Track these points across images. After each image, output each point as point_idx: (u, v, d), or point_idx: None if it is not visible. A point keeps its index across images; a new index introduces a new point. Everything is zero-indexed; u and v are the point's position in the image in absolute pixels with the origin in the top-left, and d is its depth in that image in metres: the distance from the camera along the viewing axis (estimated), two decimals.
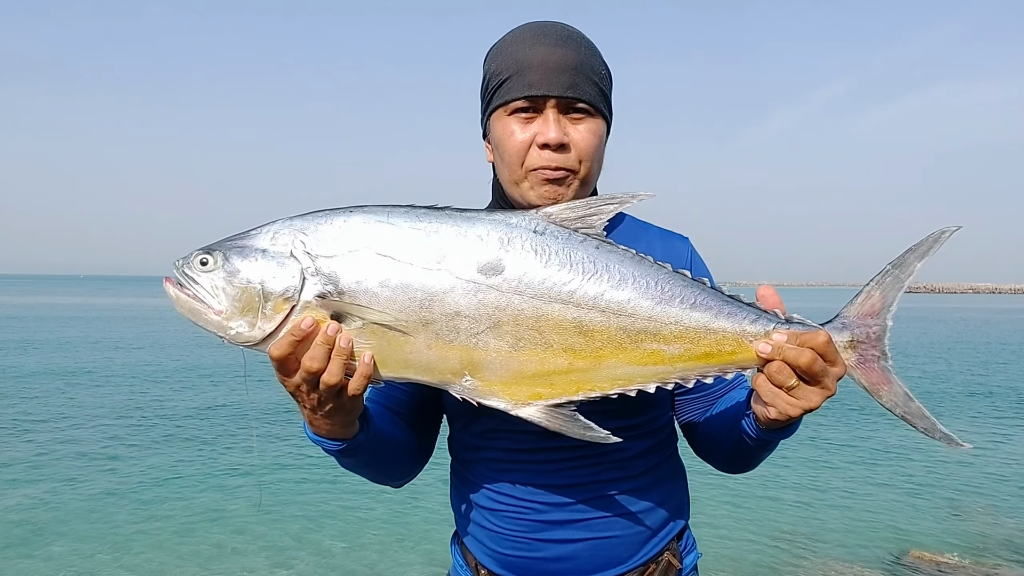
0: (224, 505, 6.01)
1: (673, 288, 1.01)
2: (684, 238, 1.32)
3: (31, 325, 24.55)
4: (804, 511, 6.01)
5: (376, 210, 1.00)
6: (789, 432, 1.06)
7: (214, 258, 0.99)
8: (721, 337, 1.01)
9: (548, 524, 1.18)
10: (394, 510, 5.83)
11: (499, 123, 1.16)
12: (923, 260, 1.01)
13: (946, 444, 1.00)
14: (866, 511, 6.05)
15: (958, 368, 15.43)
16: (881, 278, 1.02)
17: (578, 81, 1.13)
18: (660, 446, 1.26)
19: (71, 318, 28.88)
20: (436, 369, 1.00)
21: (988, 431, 9.20)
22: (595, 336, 0.99)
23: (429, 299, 0.97)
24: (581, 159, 1.15)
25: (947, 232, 1.00)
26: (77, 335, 20.90)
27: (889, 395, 1.01)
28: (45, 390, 11.28)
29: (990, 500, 6.37)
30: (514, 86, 1.13)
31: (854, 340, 1.01)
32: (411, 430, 1.25)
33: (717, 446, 1.23)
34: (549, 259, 0.99)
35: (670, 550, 1.24)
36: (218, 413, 9.77)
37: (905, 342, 21.33)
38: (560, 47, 1.13)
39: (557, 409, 1.01)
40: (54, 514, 5.68)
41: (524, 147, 1.14)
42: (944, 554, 5.08)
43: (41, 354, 15.95)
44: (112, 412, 9.70)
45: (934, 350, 19.35)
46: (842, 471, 7.25)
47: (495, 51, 1.18)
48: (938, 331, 26.79)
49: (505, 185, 1.20)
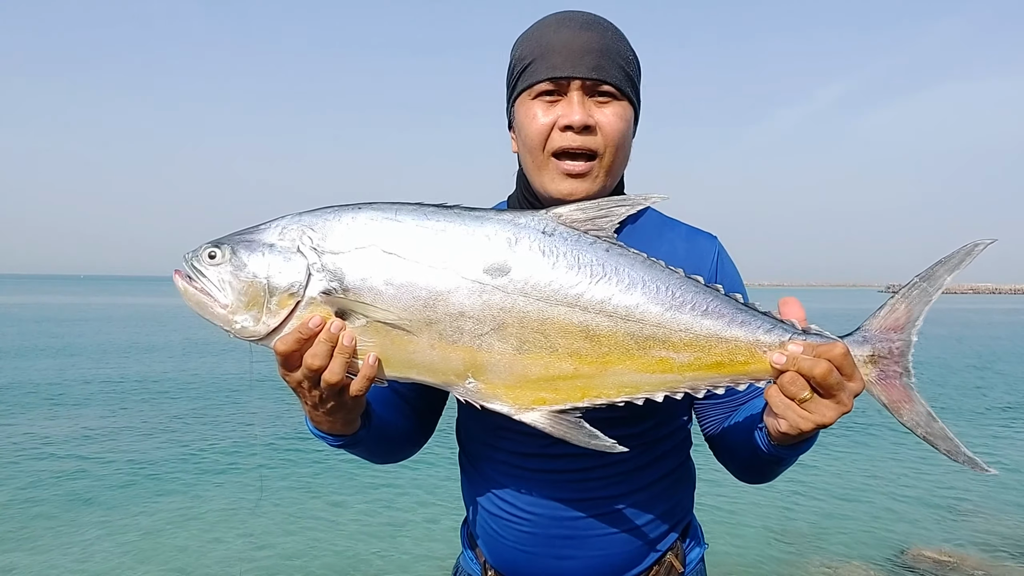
0: (224, 496, 6.01)
1: (684, 294, 0.98)
2: (712, 236, 1.28)
3: (30, 327, 24.51)
4: (803, 510, 6.00)
5: (384, 207, 1.00)
6: (802, 449, 1.03)
7: (222, 252, 0.99)
8: (734, 346, 0.97)
9: (549, 538, 1.17)
10: (399, 499, 5.86)
11: (523, 107, 1.15)
12: (954, 273, 0.97)
13: (970, 468, 0.96)
14: (866, 509, 6.04)
15: (957, 367, 15.41)
16: (908, 291, 0.97)
17: (604, 63, 1.10)
18: (672, 453, 1.23)
19: (70, 319, 28.84)
20: (439, 370, 0.99)
21: (988, 431, 9.20)
22: (602, 341, 0.97)
23: (434, 298, 0.96)
24: (607, 143, 1.12)
25: (980, 245, 0.96)
26: (77, 336, 20.89)
27: (911, 414, 0.97)
28: (46, 390, 11.28)
29: (990, 499, 6.36)
30: (538, 69, 1.12)
31: (875, 355, 0.97)
32: (413, 413, 1.25)
33: (732, 456, 1.21)
34: (557, 261, 0.98)
35: (673, 550, 1.23)
36: (219, 411, 9.77)
37: None
38: (585, 30, 1.12)
39: (562, 415, 0.99)
40: (48, 508, 5.69)
41: (546, 129, 1.11)
42: (944, 553, 5.07)
43: (40, 354, 15.92)
44: (111, 409, 9.70)
45: (934, 350, 19.32)
46: (842, 470, 7.24)
47: (521, 39, 1.18)
48: (938, 331, 26.75)
49: (528, 174, 1.18)
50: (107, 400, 10.48)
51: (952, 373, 14.55)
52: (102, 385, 11.75)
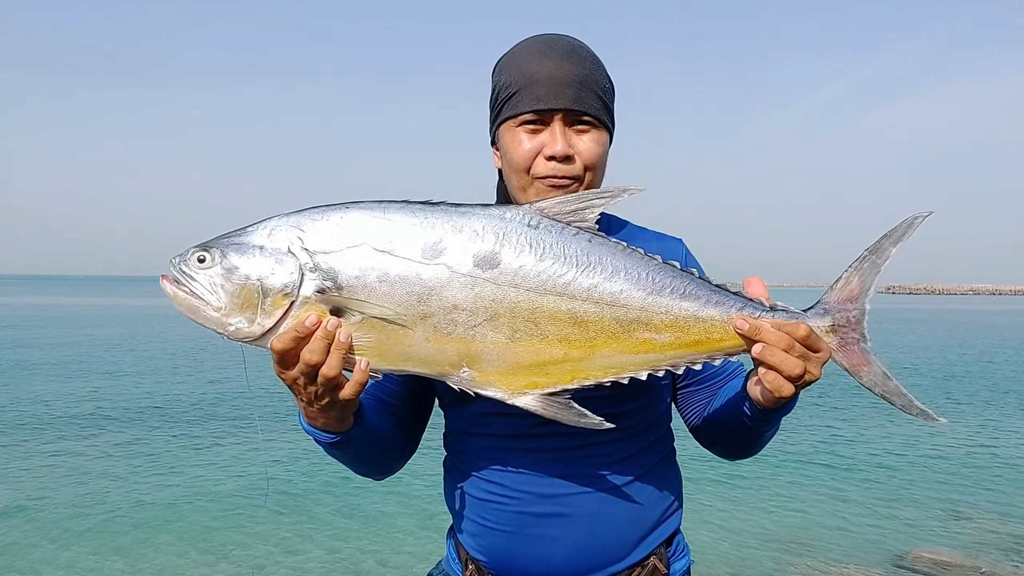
0: (228, 498, 6.02)
1: (663, 279, 1.05)
2: (678, 239, 1.39)
3: (26, 327, 24.54)
4: (803, 511, 6.01)
5: (372, 206, 1.02)
6: (783, 411, 1.11)
7: (211, 255, 1.00)
8: (709, 325, 1.05)
9: (535, 517, 1.19)
10: (397, 501, 5.86)
11: (508, 133, 1.22)
12: (898, 245, 1.05)
13: (923, 419, 1.05)
14: (865, 510, 6.05)
15: (959, 366, 15.44)
16: (859, 264, 1.06)
17: (583, 95, 1.19)
18: (654, 447, 1.28)
19: (68, 319, 28.88)
20: (434, 361, 1.02)
21: (988, 431, 9.21)
22: (589, 327, 1.03)
23: (427, 293, 0.99)
24: (586, 167, 1.21)
25: (919, 218, 1.05)
26: (78, 336, 20.91)
27: (869, 375, 1.05)
28: (46, 390, 11.30)
29: (990, 499, 6.38)
30: (522, 100, 1.19)
31: (835, 324, 1.05)
32: (400, 423, 1.28)
33: (721, 431, 1.27)
34: (544, 252, 1.03)
35: (657, 555, 1.25)
36: (220, 408, 9.79)
37: (905, 343, 21.32)
38: (566, 61, 1.19)
39: (552, 398, 1.05)
40: (53, 515, 5.69)
41: (531, 156, 1.20)
42: (944, 553, 5.08)
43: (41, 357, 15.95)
44: (112, 408, 9.72)
45: (932, 351, 19.35)
46: (840, 470, 7.24)
47: (503, 63, 1.24)
48: (937, 332, 26.77)
49: (512, 191, 1.26)
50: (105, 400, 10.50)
51: (954, 372, 14.57)
52: (101, 386, 11.78)
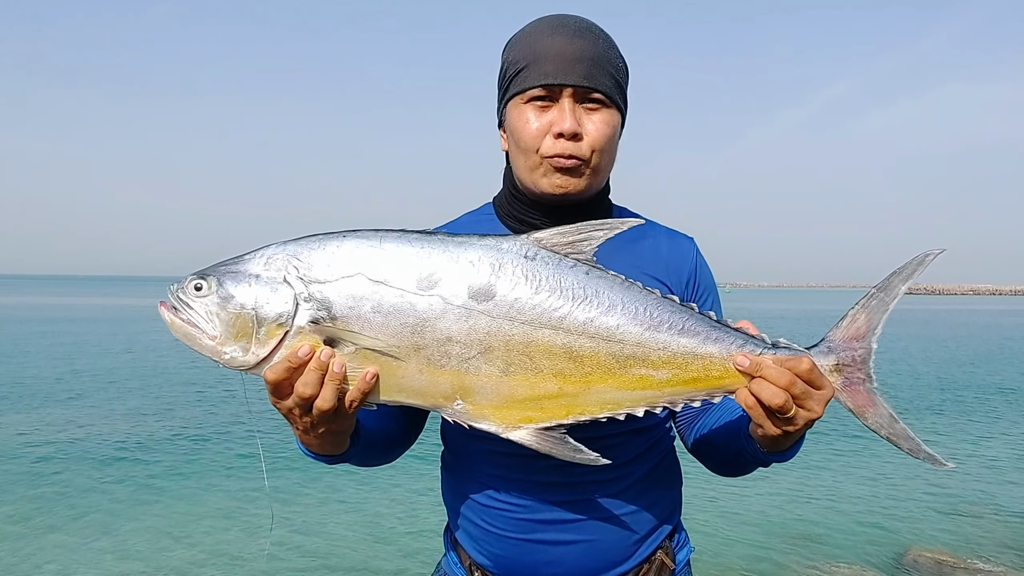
0: (225, 495, 6.03)
1: (662, 314, 1.03)
2: (690, 239, 1.34)
3: (26, 329, 24.53)
4: (803, 510, 6.01)
5: (368, 235, 1.02)
6: (786, 456, 1.09)
7: (208, 283, 1.00)
8: (709, 362, 1.02)
9: (541, 524, 1.19)
10: (396, 501, 5.86)
11: (515, 111, 1.18)
12: (907, 283, 1.03)
13: (930, 464, 1.04)
14: (865, 509, 6.06)
15: (957, 368, 15.43)
16: (867, 301, 1.04)
17: (594, 71, 1.14)
18: (656, 448, 1.27)
19: (69, 319, 28.88)
20: (428, 393, 1.01)
21: (988, 431, 9.21)
22: (585, 361, 1.01)
23: (421, 325, 0.98)
24: (593, 149, 1.16)
25: (931, 255, 1.03)
26: (76, 337, 20.91)
27: (874, 417, 1.03)
28: (45, 390, 11.29)
29: (990, 499, 6.38)
30: (531, 75, 1.15)
31: (840, 363, 1.03)
32: (401, 419, 1.27)
33: (713, 451, 1.25)
34: (540, 285, 1.01)
35: (663, 548, 1.25)
36: (220, 407, 9.79)
37: (904, 345, 21.31)
38: (578, 38, 1.15)
39: (547, 432, 1.03)
40: (52, 513, 5.68)
41: (540, 135, 1.15)
42: (944, 553, 5.08)
43: (39, 356, 15.94)
44: (113, 411, 9.70)
45: (932, 351, 19.33)
46: (840, 469, 7.26)
47: (513, 41, 1.20)
48: (938, 332, 26.76)
49: (519, 172, 1.21)
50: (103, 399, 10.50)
51: (951, 374, 14.56)
52: (101, 384, 11.77)
